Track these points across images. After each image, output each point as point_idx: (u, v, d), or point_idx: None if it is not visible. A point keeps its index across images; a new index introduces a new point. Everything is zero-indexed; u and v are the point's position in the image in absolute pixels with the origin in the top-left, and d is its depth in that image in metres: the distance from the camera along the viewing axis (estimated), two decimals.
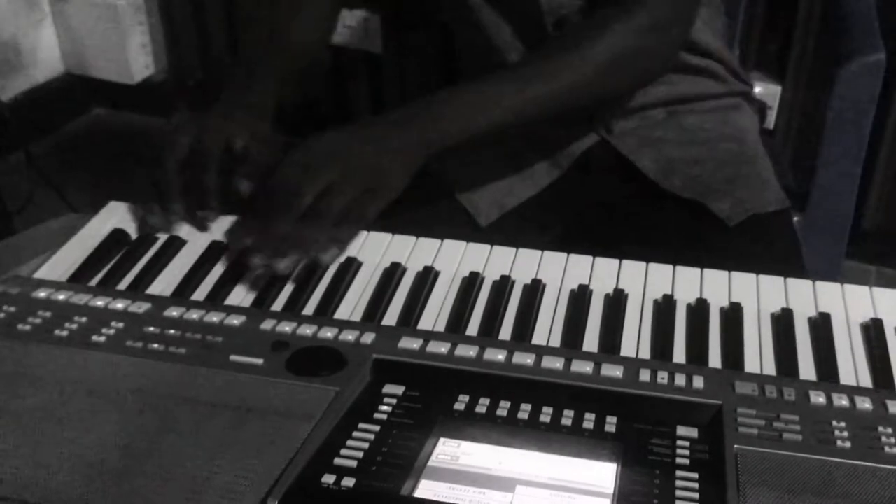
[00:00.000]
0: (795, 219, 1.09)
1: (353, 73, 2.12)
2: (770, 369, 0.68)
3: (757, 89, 1.68)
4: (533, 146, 1.02)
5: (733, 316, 0.73)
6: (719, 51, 1.02)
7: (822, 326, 0.72)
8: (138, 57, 2.26)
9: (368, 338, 0.67)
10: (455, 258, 0.80)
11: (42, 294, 0.71)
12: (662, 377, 0.64)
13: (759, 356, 0.69)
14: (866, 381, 0.67)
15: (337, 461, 0.55)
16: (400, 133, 0.80)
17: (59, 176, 1.91)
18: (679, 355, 0.69)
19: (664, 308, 0.74)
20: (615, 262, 0.80)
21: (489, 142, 1.00)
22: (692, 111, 1.02)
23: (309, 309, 0.74)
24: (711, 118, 1.02)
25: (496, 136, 0.96)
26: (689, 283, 0.77)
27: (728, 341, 0.71)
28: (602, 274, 0.78)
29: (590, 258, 0.80)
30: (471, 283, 0.76)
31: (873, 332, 0.71)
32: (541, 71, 0.85)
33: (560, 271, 0.79)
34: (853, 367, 0.68)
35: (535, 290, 0.76)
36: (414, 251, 0.81)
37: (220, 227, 0.83)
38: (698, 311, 0.73)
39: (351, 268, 0.78)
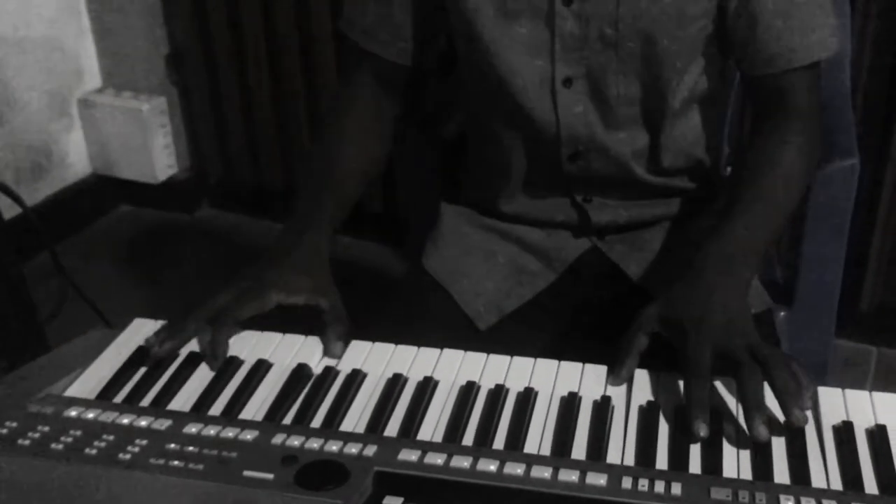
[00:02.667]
0: (783, 313, 1.14)
1: None
2: (746, 474, 0.73)
3: None
4: (529, 252, 1.09)
5: (715, 420, 0.78)
6: (709, 163, 1.08)
7: (797, 429, 0.77)
8: (162, 157, 2.36)
9: (370, 450, 0.73)
10: (453, 367, 0.86)
11: (73, 413, 0.78)
12: (643, 485, 0.69)
13: (736, 461, 0.74)
14: (837, 483, 0.72)
15: None
16: (736, 286, 0.88)
17: (86, 274, 2.00)
18: (662, 461, 0.74)
19: (648, 414, 0.79)
20: (603, 368, 0.85)
21: (486, 254, 1.08)
22: (678, 225, 1.09)
23: (317, 421, 0.80)
24: (697, 223, 1.08)
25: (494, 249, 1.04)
26: (671, 390, 0.82)
27: (707, 446, 0.76)
28: (591, 381, 0.84)
29: (580, 365, 0.86)
30: (467, 392, 0.82)
31: (844, 434, 0.76)
32: (775, 204, 0.95)
33: (552, 378, 0.84)
34: (824, 469, 0.73)
35: (527, 399, 0.81)
36: (415, 362, 0.87)
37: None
38: (681, 416, 0.79)
39: (356, 380, 0.84)
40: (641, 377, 0.84)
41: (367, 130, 1.08)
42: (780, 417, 0.77)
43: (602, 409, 0.80)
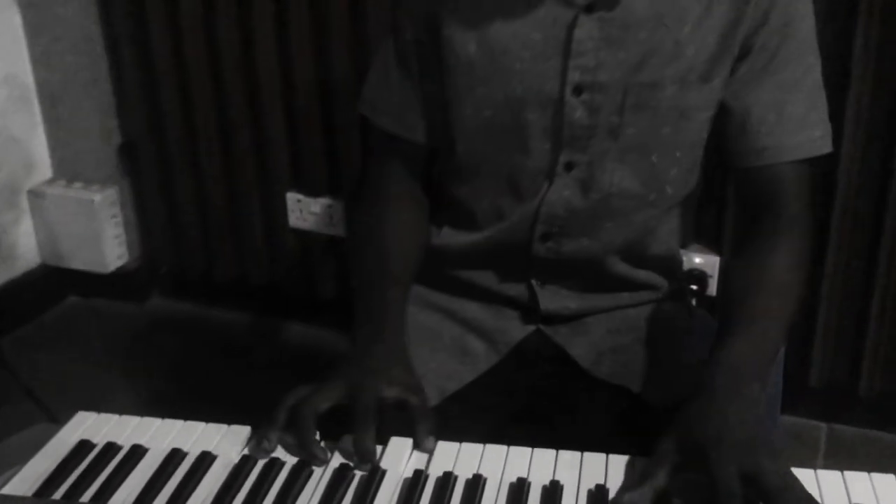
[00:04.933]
0: None
1: (318, 257, 2.21)
2: None
3: (697, 259, 1.80)
4: (474, 333, 1.09)
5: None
6: (676, 252, 1.10)
7: None
8: (112, 247, 2.35)
9: None
10: (402, 455, 0.86)
11: None
12: None
13: None
14: None
15: None
16: (749, 403, 0.84)
17: (34, 367, 1.96)
18: None
19: (597, 498, 0.80)
20: (552, 452, 0.86)
21: (430, 334, 1.09)
22: (622, 311, 1.10)
23: None
24: (642, 311, 1.10)
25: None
26: (620, 472, 0.83)
27: None
28: (539, 465, 0.84)
29: (528, 450, 0.86)
30: (414, 482, 0.82)
31: None
32: (775, 319, 0.93)
33: (500, 464, 0.84)
34: None
35: (475, 485, 0.81)
36: None
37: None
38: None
39: (302, 471, 0.83)
40: (591, 459, 0.84)
41: (411, 218, 1.09)
42: None
43: (551, 493, 0.80)
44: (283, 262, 2.25)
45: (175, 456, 0.85)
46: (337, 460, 0.85)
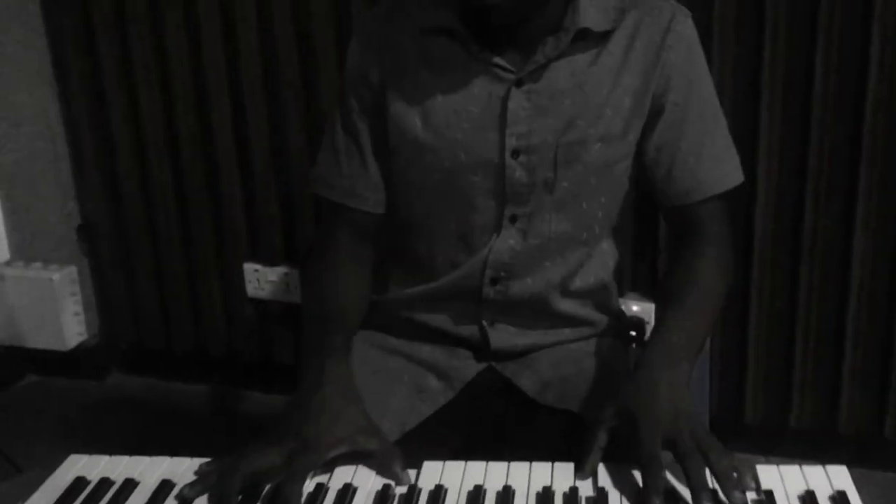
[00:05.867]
0: None
1: (276, 324, 2.30)
2: None
3: (634, 307, 1.92)
4: (431, 372, 1.20)
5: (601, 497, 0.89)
6: (611, 285, 1.23)
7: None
8: (71, 325, 2.40)
9: None
10: (369, 474, 0.95)
11: None
12: None
13: None
14: None
15: None
16: (678, 379, 0.98)
17: None
18: None
19: (544, 498, 0.90)
20: (504, 464, 0.96)
21: (390, 375, 1.19)
22: (564, 346, 1.22)
23: None
24: (583, 345, 1.22)
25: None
26: (564, 475, 0.93)
27: None
28: (494, 474, 0.94)
29: (483, 463, 0.96)
30: (384, 496, 0.91)
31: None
32: (701, 309, 1.08)
33: (459, 475, 0.94)
34: None
35: (439, 494, 0.91)
36: (335, 474, 0.95)
37: None
38: (572, 498, 0.89)
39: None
40: (539, 467, 0.94)
41: (356, 279, 1.19)
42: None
43: (505, 497, 0.90)
44: (242, 332, 2.33)
45: (165, 486, 0.93)
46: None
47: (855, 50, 1.71)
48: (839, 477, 0.91)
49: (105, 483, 0.95)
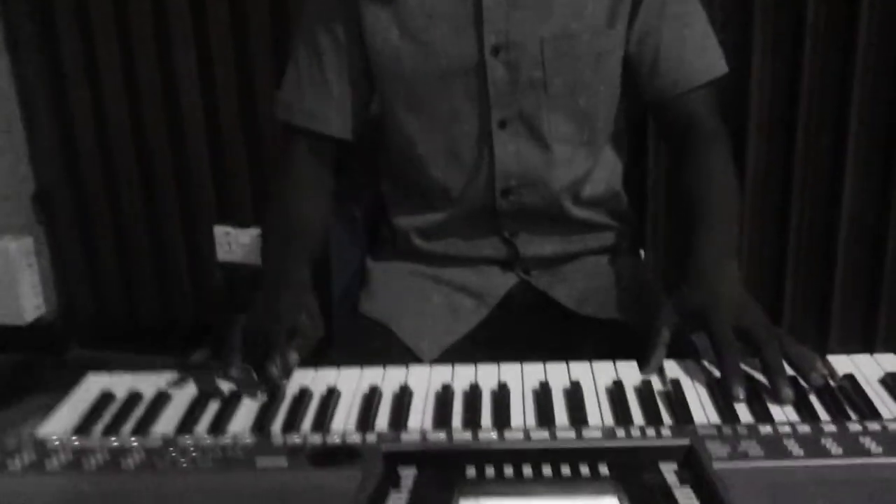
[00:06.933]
0: None
1: (249, 289, 2.21)
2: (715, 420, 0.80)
3: None
4: (461, 292, 1.15)
5: (676, 388, 0.85)
6: (622, 196, 1.20)
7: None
8: (29, 298, 2.28)
9: (372, 437, 0.75)
10: (423, 377, 0.89)
11: (56, 442, 0.75)
12: (635, 432, 0.74)
13: (703, 412, 0.81)
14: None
15: None
16: (733, 281, 0.95)
17: None
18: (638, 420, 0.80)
19: (615, 391, 0.85)
20: (563, 364, 0.91)
21: (421, 297, 1.14)
22: (593, 258, 1.19)
23: (307, 426, 0.80)
24: (610, 259, 1.19)
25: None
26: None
27: (675, 406, 0.82)
28: (555, 374, 0.89)
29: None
30: (444, 392, 0.85)
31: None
32: (731, 210, 1.05)
33: (519, 376, 0.89)
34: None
35: (503, 390, 0.85)
36: (385, 379, 0.89)
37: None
38: (646, 391, 0.85)
39: (333, 395, 0.86)
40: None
41: (314, 199, 1.14)
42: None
43: (574, 391, 0.85)
44: (212, 299, 2.24)
45: (203, 395, 0.86)
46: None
47: None
48: None
49: (136, 396, 0.87)
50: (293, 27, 1.95)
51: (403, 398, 0.84)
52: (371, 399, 0.85)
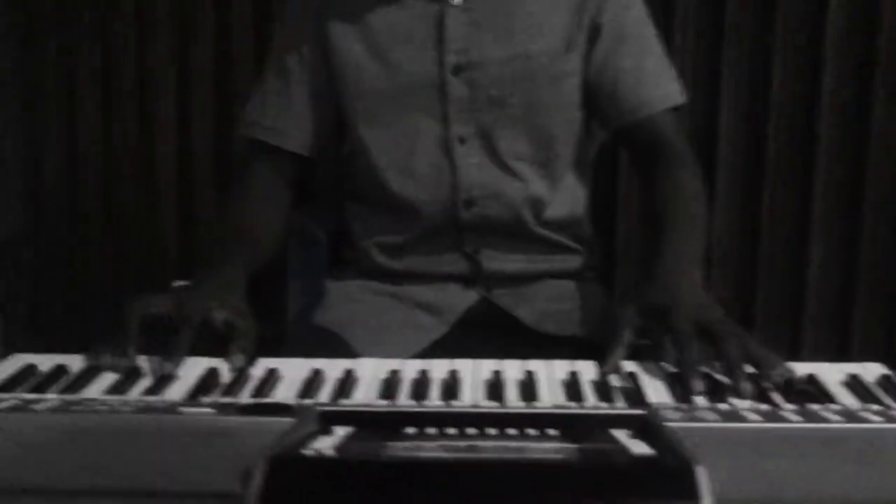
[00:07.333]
0: None
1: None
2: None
3: None
4: (421, 309, 1.13)
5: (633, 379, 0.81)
6: (586, 223, 1.19)
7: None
8: None
9: (309, 401, 0.71)
10: (371, 367, 0.85)
11: None
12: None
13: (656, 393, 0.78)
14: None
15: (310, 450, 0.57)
16: (694, 281, 0.95)
17: None
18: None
19: (570, 381, 0.82)
20: (519, 361, 0.88)
21: (380, 313, 1.11)
22: (557, 281, 1.17)
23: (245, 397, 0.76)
24: (574, 285, 1.17)
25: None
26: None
27: (630, 393, 0.79)
28: (510, 367, 0.86)
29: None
30: (392, 375, 0.81)
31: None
32: (697, 222, 1.05)
33: (471, 368, 0.85)
34: None
35: (454, 377, 0.82)
36: (331, 367, 0.85)
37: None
38: (603, 387, 0.81)
39: (274, 375, 0.82)
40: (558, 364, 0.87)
41: (266, 215, 1.12)
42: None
43: (527, 379, 0.82)
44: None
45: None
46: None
47: None
48: (876, 369, 0.86)
49: (61, 369, 0.82)
50: None
51: (348, 380, 0.81)
52: (313, 380, 0.81)
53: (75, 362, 0.84)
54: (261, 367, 0.85)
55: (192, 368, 0.84)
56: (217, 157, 2.03)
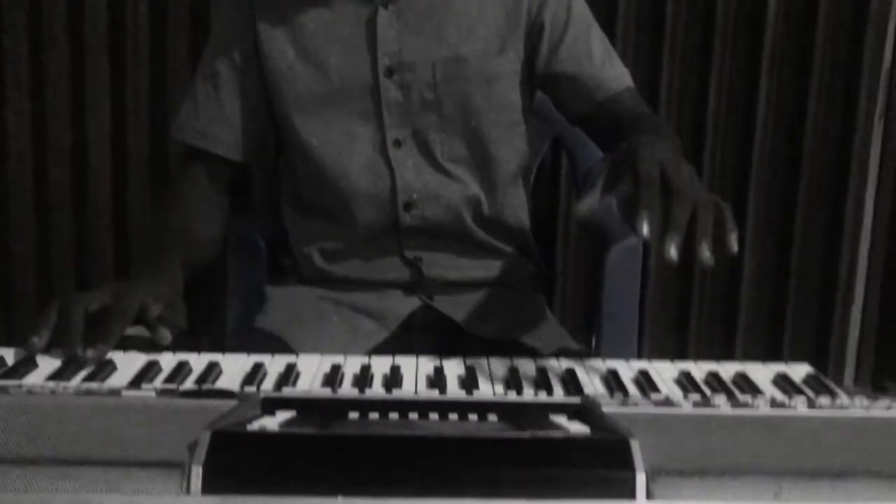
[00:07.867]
0: None
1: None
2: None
3: None
4: (362, 314, 1.13)
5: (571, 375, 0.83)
6: (527, 232, 1.21)
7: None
8: None
9: (252, 389, 0.71)
10: (313, 363, 0.86)
11: None
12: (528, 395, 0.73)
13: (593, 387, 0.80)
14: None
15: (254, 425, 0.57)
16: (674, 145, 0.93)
17: None
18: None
19: (510, 375, 0.83)
20: (460, 358, 0.89)
21: (320, 317, 1.11)
22: (498, 289, 1.18)
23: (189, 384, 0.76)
24: (515, 294, 1.19)
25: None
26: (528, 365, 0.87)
27: (569, 385, 0.80)
28: (450, 363, 0.87)
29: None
30: (334, 371, 0.82)
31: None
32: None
33: (413, 364, 0.86)
34: None
35: (396, 372, 0.83)
36: (271, 362, 0.85)
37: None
38: (541, 376, 0.83)
39: (216, 367, 0.82)
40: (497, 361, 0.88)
41: (200, 216, 1.12)
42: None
43: (469, 373, 0.83)
44: None
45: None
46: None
47: None
48: (803, 369, 0.89)
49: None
50: None
51: (290, 373, 0.81)
52: (255, 373, 0.81)
53: (8, 355, 0.83)
54: (202, 360, 0.85)
55: (132, 362, 0.83)
56: (152, 160, 2.02)
